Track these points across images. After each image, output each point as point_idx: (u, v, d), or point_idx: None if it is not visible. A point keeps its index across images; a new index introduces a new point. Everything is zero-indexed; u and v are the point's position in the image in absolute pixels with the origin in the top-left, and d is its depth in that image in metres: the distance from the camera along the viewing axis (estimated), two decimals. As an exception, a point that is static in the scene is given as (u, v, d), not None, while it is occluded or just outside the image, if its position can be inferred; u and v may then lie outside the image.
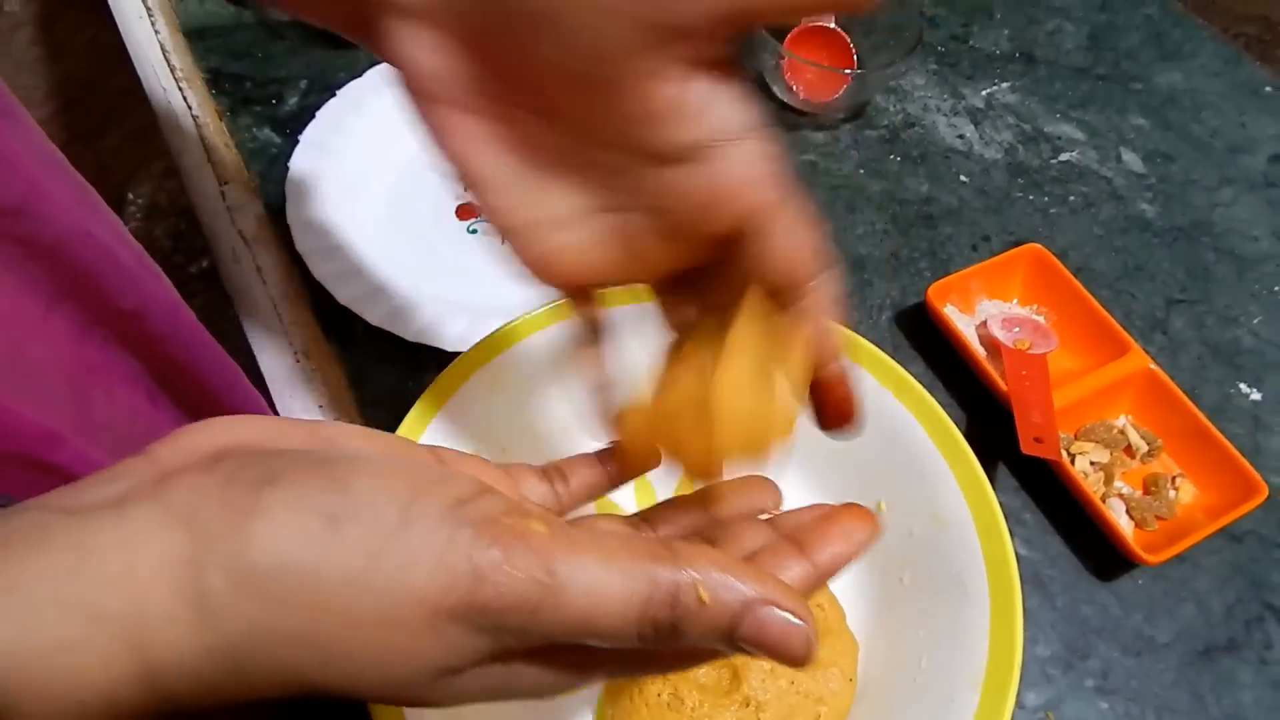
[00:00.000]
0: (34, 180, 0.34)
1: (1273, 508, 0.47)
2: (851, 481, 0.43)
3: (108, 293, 0.38)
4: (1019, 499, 0.47)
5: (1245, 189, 0.62)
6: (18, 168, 0.33)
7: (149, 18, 0.63)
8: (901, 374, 0.42)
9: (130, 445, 0.37)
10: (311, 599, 0.19)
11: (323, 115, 0.56)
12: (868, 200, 0.59)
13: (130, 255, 0.41)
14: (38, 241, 0.34)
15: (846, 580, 0.42)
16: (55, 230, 0.35)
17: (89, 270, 0.37)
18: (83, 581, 0.18)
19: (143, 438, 0.40)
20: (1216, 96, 0.67)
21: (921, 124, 0.64)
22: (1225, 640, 0.43)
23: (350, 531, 0.19)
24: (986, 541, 0.37)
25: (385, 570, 0.19)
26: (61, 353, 0.37)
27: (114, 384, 0.40)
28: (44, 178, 0.35)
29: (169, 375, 0.43)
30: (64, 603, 0.18)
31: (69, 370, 0.37)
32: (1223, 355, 0.53)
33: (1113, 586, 0.45)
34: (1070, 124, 0.64)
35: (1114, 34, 0.71)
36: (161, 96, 0.59)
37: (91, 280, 0.37)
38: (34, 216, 0.34)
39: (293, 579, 0.19)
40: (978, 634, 0.36)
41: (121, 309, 0.39)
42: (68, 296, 0.36)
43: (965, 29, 0.70)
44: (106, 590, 0.18)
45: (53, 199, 0.35)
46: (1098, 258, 0.57)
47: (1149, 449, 0.47)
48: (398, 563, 0.19)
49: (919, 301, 0.52)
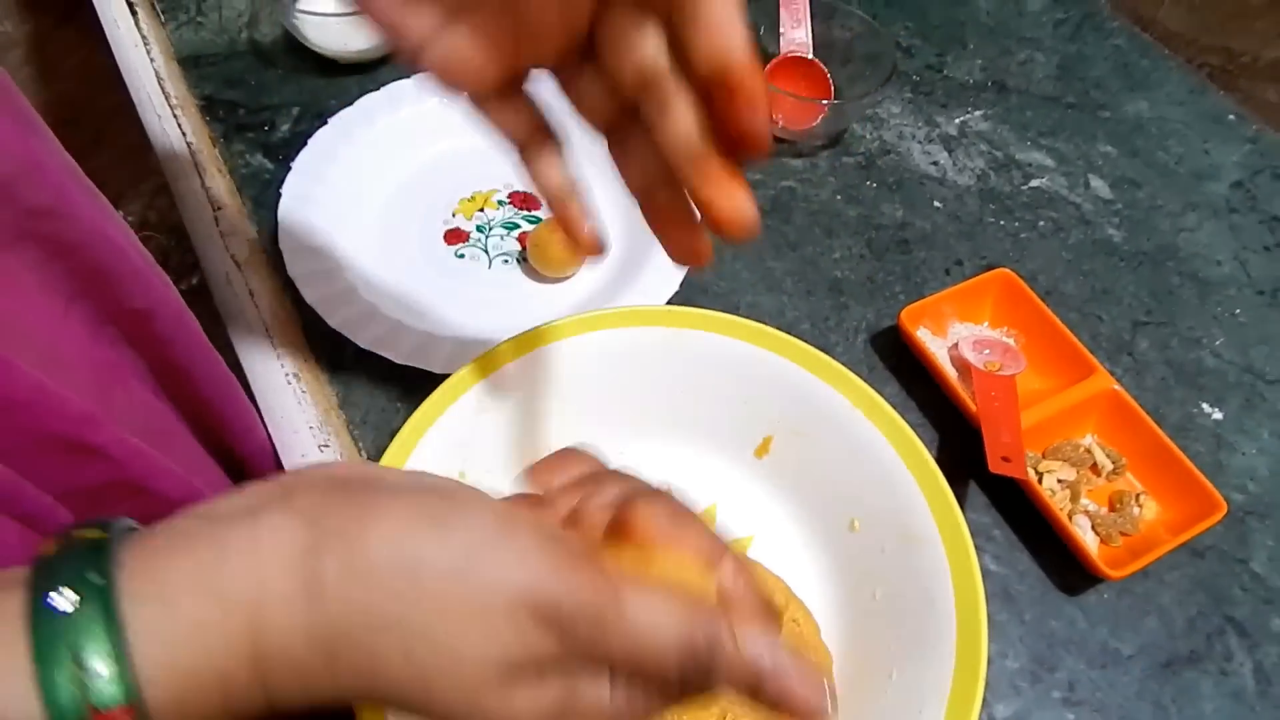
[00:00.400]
0: (60, 183, 0.36)
1: (1233, 523, 0.49)
2: (826, 501, 0.45)
3: (121, 292, 0.40)
4: (989, 516, 0.49)
5: (1209, 214, 0.64)
6: (46, 173, 0.35)
7: (144, 46, 0.64)
8: (873, 396, 0.44)
9: (149, 437, 0.39)
10: (413, 587, 0.21)
11: (314, 143, 0.57)
12: (845, 225, 0.61)
13: (141, 257, 0.42)
14: (60, 240, 0.36)
15: (821, 595, 0.43)
16: (77, 230, 0.37)
17: (104, 270, 0.39)
18: (218, 572, 0.21)
19: (159, 434, 0.42)
20: (1181, 124, 0.69)
21: (897, 151, 0.66)
22: (1187, 652, 0.45)
23: (455, 533, 0.22)
24: (953, 559, 0.39)
25: (482, 567, 0.21)
26: (81, 348, 0.38)
27: (128, 380, 0.42)
28: (68, 182, 0.37)
29: (172, 378, 0.45)
30: (200, 590, 0.20)
31: (91, 365, 0.39)
32: (1186, 376, 0.55)
33: (1079, 601, 0.46)
34: (1040, 151, 0.67)
35: (1083, 64, 0.73)
36: (156, 123, 0.60)
37: (106, 280, 0.39)
38: (59, 216, 0.35)
39: (400, 568, 0.21)
40: (945, 648, 0.37)
41: (133, 308, 0.41)
42: (83, 296, 0.38)
43: (940, 59, 0.72)
44: (237, 578, 0.21)
45: (76, 201, 0.37)
46: (1066, 281, 0.59)
47: (1114, 467, 0.49)
48: (494, 563, 0.22)
49: (893, 324, 0.54)
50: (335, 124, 0.58)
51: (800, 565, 0.44)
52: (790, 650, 0.24)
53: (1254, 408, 0.54)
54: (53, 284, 0.37)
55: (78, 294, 0.38)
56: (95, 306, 0.39)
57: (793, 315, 0.56)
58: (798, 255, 0.59)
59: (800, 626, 0.41)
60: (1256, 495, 0.50)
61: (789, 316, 0.56)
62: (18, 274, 0.35)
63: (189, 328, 0.44)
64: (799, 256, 0.59)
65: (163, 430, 0.44)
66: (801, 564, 0.44)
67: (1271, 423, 0.53)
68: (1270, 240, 0.63)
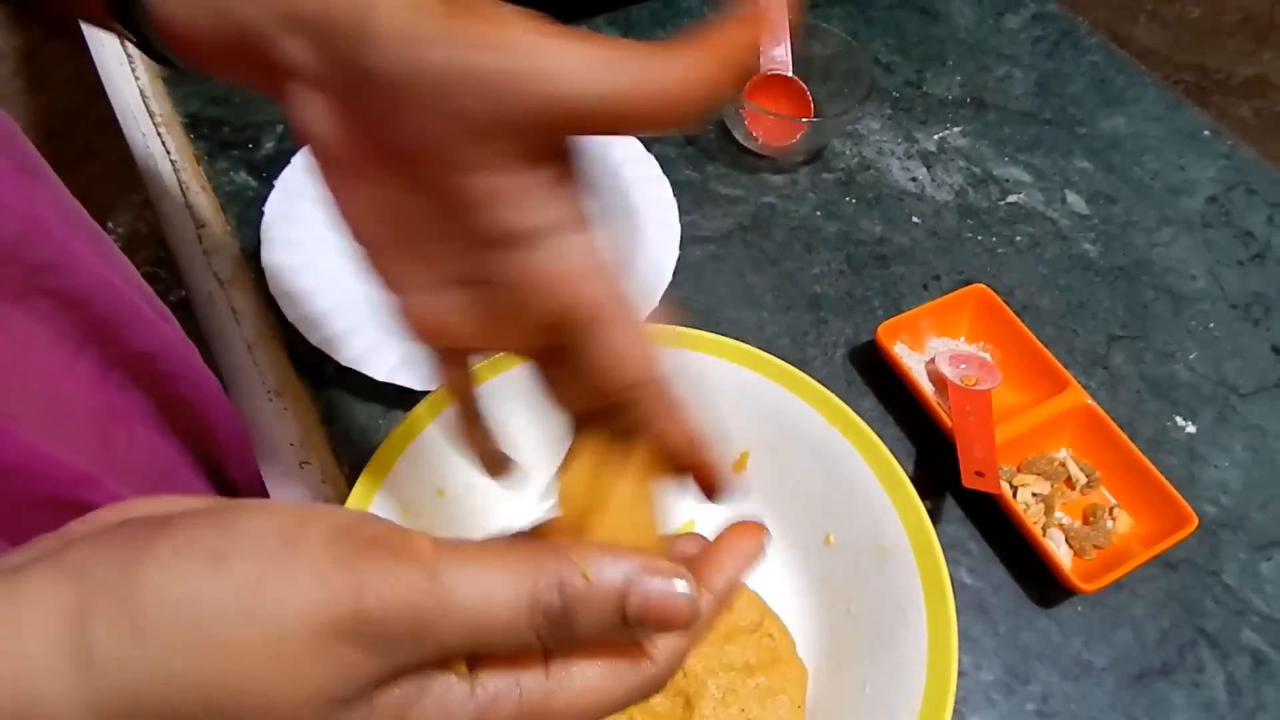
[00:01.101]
0: (64, 237, 0.36)
1: (1206, 536, 0.50)
2: (802, 515, 0.45)
3: (127, 337, 0.40)
4: (965, 529, 0.49)
5: (1183, 229, 0.65)
6: (50, 228, 0.35)
7: (129, 63, 0.65)
8: (848, 412, 0.44)
9: (150, 482, 0.39)
10: (195, 635, 0.18)
11: (298, 160, 0.57)
12: (824, 241, 0.61)
13: (144, 300, 0.43)
14: (68, 293, 0.36)
15: (797, 610, 0.43)
16: (83, 282, 0.37)
17: (111, 317, 0.39)
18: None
19: (160, 475, 0.43)
20: (1157, 140, 0.70)
21: (876, 167, 0.66)
22: (1160, 665, 0.45)
23: (235, 564, 0.19)
24: (925, 573, 0.39)
25: (268, 596, 0.19)
26: (88, 395, 0.39)
27: (133, 424, 0.42)
28: (71, 234, 0.37)
29: (178, 412, 0.45)
30: None
31: (95, 412, 0.39)
32: (1160, 389, 0.56)
33: (1053, 613, 0.47)
34: (1018, 167, 0.67)
35: (1061, 80, 0.74)
36: (140, 141, 0.61)
37: (113, 326, 0.39)
38: (64, 270, 0.36)
39: (177, 617, 0.18)
40: (917, 661, 0.38)
41: (138, 351, 0.41)
42: (92, 343, 0.39)
43: (919, 75, 0.73)
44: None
45: (79, 253, 0.37)
46: (1043, 296, 0.60)
47: (1088, 480, 0.50)
48: (281, 587, 0.19)
49: (872, 339, 0.54)
50: (319, 142, 0.59)
51: (776, 579, 0.45)
52: (648, 559, 0.22)
53: (1227, 421, 0.55)
54: (62, 334, 0.37)
55: (86, 341, 0.38)
56: (101, 352, 0.39)
57: (772, 330, 0.56)
58: (777, 270, 0.60)
59: (775, 640, 0.41)
60: (1229, 508, 0.51)
61: (768, 332, 0.56)
62: (29, 327, 0.35)
63: (191, 362, 0.45)
64: (778, 272, 0.59)
65: (165, 470, 0.44)
66: (778, 578, 0.45)
67: (1244, 435, 0.54)
68: (1244, 254, 0.64)
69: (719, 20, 0.23)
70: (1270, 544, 0.50)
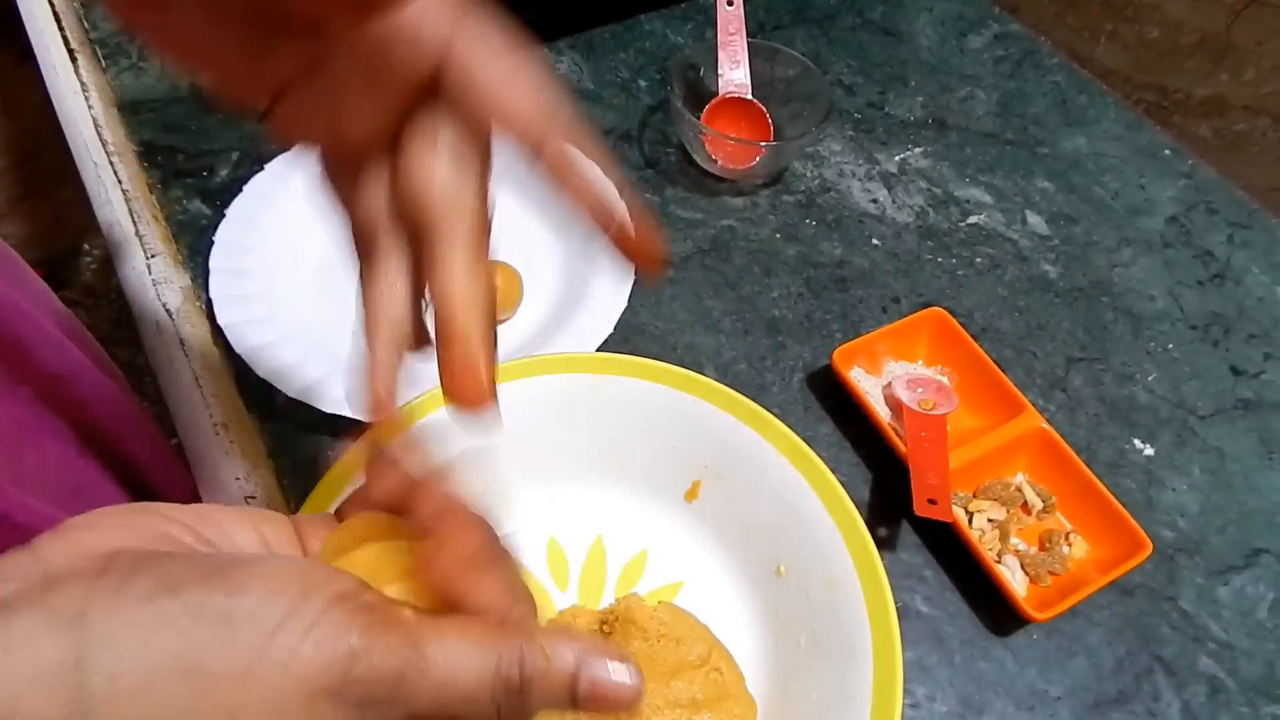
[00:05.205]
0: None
1: (1163, 561, 0.49)
2: (753, 546, 0.45)
3: (33, 358, 0.40)
4: (921, 556, 0.49)
5: (1143, 250, 0.65)
6: None
7: (83, 93, 0.64)
8: (796, 441, 0.44)
9: (61, 496, 0.38)
10: (199, 697, 0.19)
11: (250, 189, 0.57)
12: (784, 264, 0.61)
13: (55, 324, 0.42)
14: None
15: (747, 644, 0.43)
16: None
17: (13, 336, 0.39)
18: None
19: (73, 489, 0.42)
20: (1118, 160, 0.70)
21: (837, 189, 0.66)
22: (1115, 693, 0.45)
23: (244, 631, 0.20)
24: (872, 608, 0.39)
25: (273, 661, 0.20)
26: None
27: (43, 439, 0.42)
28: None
29: (94, 435, 0.44)
30: None
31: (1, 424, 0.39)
32: (1119, 412, 0.56)
33: (1009, 642, 0.46)
34: (979, 187, 0.67)
35: (1023, 101, 0.74)
36: (92, 170, 0.60)
37: (17, 344, 0.39)
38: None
39: (187, 681, 0.19)
40: (862, 696, 0.37)
41: (47, 373, 0.41)
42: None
43: (881, 96, 0.73)
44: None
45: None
46: (1002, 318, 0.60)
47: (1044, 506, 0.49)
48: (283, 654, 0.20)
49: (829, 363, 0.54)
50: (272, 170, 0.58)
51: (729, 611, 0.44)
52: (599, 648, 0.24)
53: (1185, 444, 0.54)
54: None
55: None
56: (7, 369, 0.39)
57: (730, 355, 0.56)
58: (736, 294, 0.59)
59: (723, 675, 0.41)
60: (1186, 532, 0.51)
61: (726, 356, 0.56)
62: None
63: (107, 390, 0.44)
64: (737, 296, 0.59)
65: (79, 487, 0.43)
66: (730, 610, 0.44)
67: (1202, 458, 0.54)
68: (1204, 275, 0.64)
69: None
70: (1227, 569, 0.49)
